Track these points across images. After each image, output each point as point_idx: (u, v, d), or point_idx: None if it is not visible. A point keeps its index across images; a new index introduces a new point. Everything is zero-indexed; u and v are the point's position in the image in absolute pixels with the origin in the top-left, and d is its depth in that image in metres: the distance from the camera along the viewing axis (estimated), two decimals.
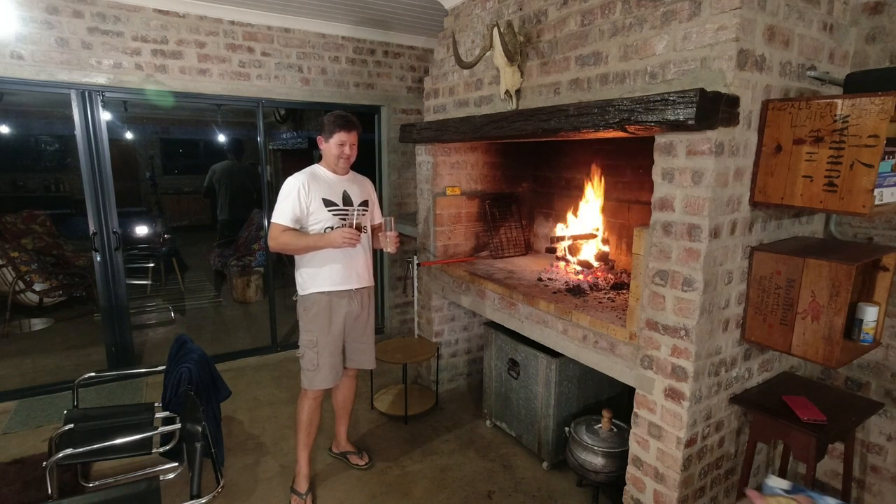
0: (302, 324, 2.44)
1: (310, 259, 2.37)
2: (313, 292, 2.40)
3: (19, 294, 4.72)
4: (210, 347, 3.48)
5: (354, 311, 2.49)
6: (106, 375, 3.47)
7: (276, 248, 2.35)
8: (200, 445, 1.75)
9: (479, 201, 3.45)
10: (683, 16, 1.76)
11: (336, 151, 2.34)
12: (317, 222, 2.35)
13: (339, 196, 2.39)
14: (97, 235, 3.39)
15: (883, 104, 1.52)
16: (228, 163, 5.85)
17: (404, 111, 4.29)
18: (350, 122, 2.34)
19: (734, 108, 1.69)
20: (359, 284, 2.48)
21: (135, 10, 3.21)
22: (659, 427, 1.99)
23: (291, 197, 2.30)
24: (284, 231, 2.30)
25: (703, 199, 1.73)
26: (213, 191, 5.84)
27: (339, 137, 2.32)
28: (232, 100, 3.69)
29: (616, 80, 2.04)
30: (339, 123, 2.32)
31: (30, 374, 3.71)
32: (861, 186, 1.59)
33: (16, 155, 8.24)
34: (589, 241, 3.05)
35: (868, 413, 1.96)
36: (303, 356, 2.45)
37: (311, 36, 3.79)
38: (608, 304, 2.40)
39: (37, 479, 2.52)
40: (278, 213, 2.32)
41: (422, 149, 3.36)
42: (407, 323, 4.61)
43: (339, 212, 2.38)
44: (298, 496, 2.46)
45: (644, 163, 1.97)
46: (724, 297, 1.89)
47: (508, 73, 2.47)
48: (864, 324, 1.90)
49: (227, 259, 5.71)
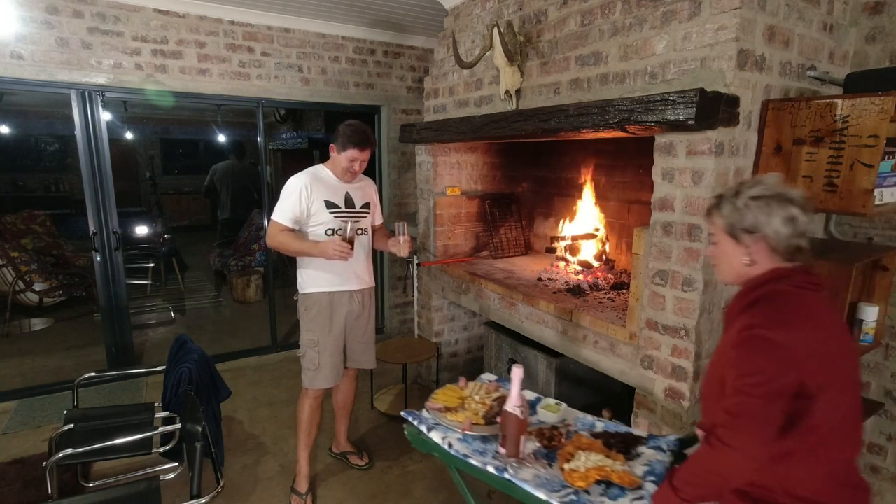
0: (303, 323, 2.44)
1: (311, 259, 2.38)
2: (314, 292, 2.40)
3: (19, 294, 4.73)
4: (210, 347, 3.47)
5: (355, 310, 2.49)
6: (106, 375, 3.47)
7: (272, 246, 2.36)
8: (200, 445, 1.75)
9: (479, 201, 3.45)
10: (683, 16, 1.76)
11: (345, 165, 2.33)
12: (318, 224, 2.34)
13: (341, 198, 2.39)
14: (97, 235, 3.39)
15: (883, 104, 1.52)
16: (229, 162, 5.86)
17: (404, 111, 4.29)
18: (365, 141, 2.29)
19: (734, 108, 1.69)
20: (359, 286, 2.48)
21: (135, 10, 3.21)
22: (659, 427, 1.99)
23: (293, 197, 2.29)
24: (282, 230, 2.31)
25: (704, 199, 1.73)
26: (214, 190, 5.84)
27: (352, 154, 2.29)
28: (232, 100, 3.69)
29: (616, 80, 2.04)
30: (353, 140, 2.27)
31: (30, 374, 3.71)
32: (861, 186, 1.59)
33: (16, 155, 8.25)
34: (589, 241, 3.05)
35: (868, 413, 1.96)
36: (304, 356, 2.45)
37: (311, 36, 3.79)
38: (608, 304, 2.40)
39: (37, 479, 2.52)
40: (278, 211, 2.32)
41: (422, 149, 3.36)
42: (407, 323, 4.61)
43: (341, 214, 2.37)
44: (298, 496, 2.45)
45: (644, 163, 1.96)
46: (725, 297, 1.89)
47: (508, 73, 2.47)
48: (864, 324, 1.90)
49: (227, 259, 5.71)
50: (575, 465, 1.45)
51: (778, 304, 1.17)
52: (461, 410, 1.75)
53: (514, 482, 1.44)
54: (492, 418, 1.69)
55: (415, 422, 1.72)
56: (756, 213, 1.20)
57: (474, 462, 1.54)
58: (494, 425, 1.64)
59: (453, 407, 1.77)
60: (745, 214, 1.21)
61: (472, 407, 1.77)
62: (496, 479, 1.49)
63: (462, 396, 1.85)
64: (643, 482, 1.40)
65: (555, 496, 1.37)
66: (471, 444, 1.60)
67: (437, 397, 1.84)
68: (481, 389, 1.88)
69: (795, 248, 1.20)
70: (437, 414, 1.73)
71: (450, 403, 1.79)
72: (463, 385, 1.93)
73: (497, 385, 1.95)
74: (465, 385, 1.93)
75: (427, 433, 1.67)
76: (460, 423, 1.67)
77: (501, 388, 1.91)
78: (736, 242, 1.24)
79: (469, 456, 1.55)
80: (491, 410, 1.74)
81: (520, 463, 1.52)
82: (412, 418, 1.74)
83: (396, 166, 4.35)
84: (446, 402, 1.81)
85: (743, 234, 1.22)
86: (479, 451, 1.57)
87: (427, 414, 1.76)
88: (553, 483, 1.43)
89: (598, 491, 1.38)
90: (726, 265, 1.29)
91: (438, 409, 1.75)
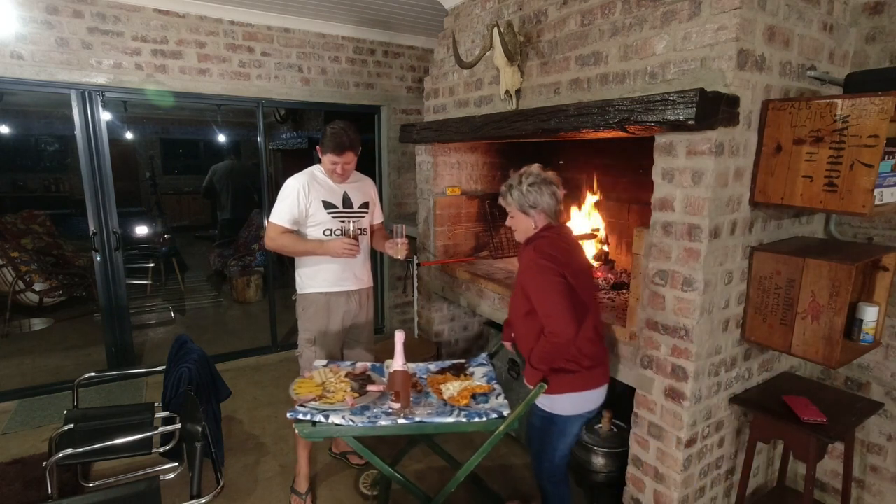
0: (301, 323, 2.45)
1: (308, 260, 2.38)
2: (311, 292, 2.40)
3: (19, 294, 4.73)
4: (210, 347, 3.47)
5: (353, 310, 2.49)
6: (106, 375, 3.47)
7: (273, 248, 2.36)
8: (200, 445, 1.75)
9: (479, 201, 3.45)
10: (683, 16, 1.76)
11: (329, 167, 2.32)
12: (316, 224, 2.34)
13: (339, 199, 2.39)
14: (97, 235, 3.39)
15: (883, 104, 1.52)
16: (229, 162, 5.86)
17: (404, 111, 4.29)
18: (341, 146, 2.23)
19: (734, 108, 1.69)
20: (357, 286, 2.47)
21: (135, 10, 3.21)
22: (659, 427, 1.99)
23: (290, 198, 2.29)
24: (283, 233, 2.30)
25: (703, 199, 1.73)
26: (214, 191, 5.84)
27: (331, 158, 2.27)
28: (232, 100, 3.69)
29: (616, 80, 2.04)
30: (330, 146, 2.24)
31: (30, 374, 3.71)
32: (861, 186, 1.59)
33: (16, 155, 8.24)
34: (589, 241, 3.05)
35: (868, 413, 1.96)
36: (301, 355, 2.45)
37: (311, 36, 3.79)
38: (608, 304, 2.40)
39: (37, 479, 2.52)
40: (276, 213, 2.31)
41: (422, 149, 3.36)
42: (407, 323, 4.61)
43: (339, 214, 2.37)
44: (298, 496, 2.45)
45: (644, 163, 1.96)
46: (724, 297, 1.89)
47: (508, 73, 2.47)
48: (864, 324, 1.90)
49: (227, 259, 5.71)
50: (449, 393, 1.97)
51: (550, 240, 1.86)
52: (330, 394, 1.92)
53: (425, 422, 1.80)
54: (362, 390, 1.94)
55: (307, 416, 1.79)
56: (535, 195, 1.85)
57: (384, 422, 1.78)
58: (369, 394, 1.92)
59: (320, 395, 1.91)
60: (528, 196, 1.85)
61: (338, 388, 1.95)
62: (409, 427, 1.81)
63: (318, 384, 1.99)
64: (492, 385, 2.05)
65: (458, 415, 1.83)
66: (363, 415, 1.82)
67: (299, 391, 1.92)
68: (329, 374, 2.05)
69: (557, 211, 1.91)
70: (316, 404, 1.85)
71: (316, 392, 1.92)
72: (309, 375, 2.07)
73: (336, 367, 2.15)
74: (311, 375, 2.07)
75: (326, 420, 1.77)
76: (344, 403, 1.86)
77: (339, 367, 2.15)
78: (525, 215, 1.89)
79: (374, 420, 1.79)
80: (358, 384, 1.97)
81: (413, 408, 1.88)
82: (302, 415, 1.80)
83: (396, 166, 4.35)
84: (311, 391, 1.93)
85: (529, 209, 1.87)
86: (375, 416, 1.82)
87: (307, 407, 1.83)
88: (446, 410, 1.88)
89: (475, 402, 1.94)
90: (521, 230, 1.94)
91: (313, 400, 1.87)
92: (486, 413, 1.84)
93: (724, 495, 2.18)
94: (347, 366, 2.19)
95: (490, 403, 1.92)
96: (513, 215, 1.93)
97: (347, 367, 2.17)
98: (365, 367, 2.17)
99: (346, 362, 2.27)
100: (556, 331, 1.74)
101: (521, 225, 1.92)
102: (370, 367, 2.19)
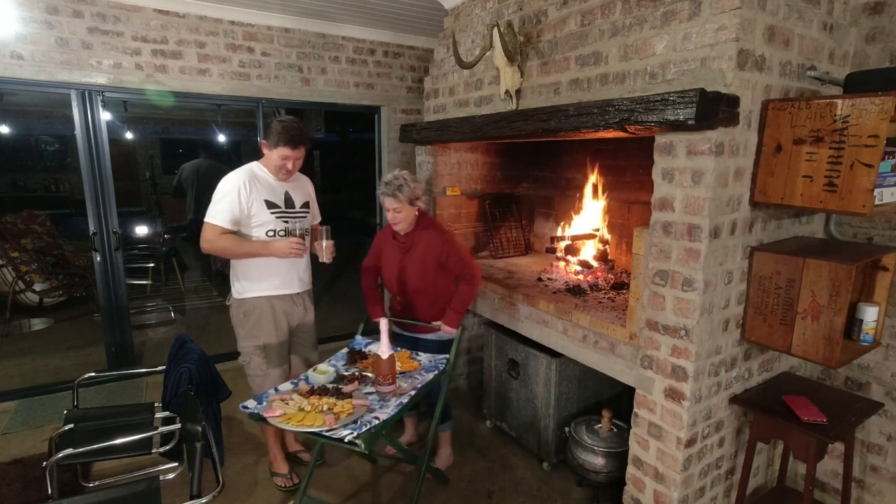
0: (242, 330, 2.36)
1: (252, 262, 2.29)
2: (255, 296, 2.32)
3: (19, 294, 4.73)
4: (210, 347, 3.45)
5: (298, 313, 2.46)
6: (106, 375, 3.47)
7: (210, 251, 2.21)
8: (200, 445, 1.75)
9: (479, 201, 3.45)
10: (683, 16, 1.76)
11: (278, 163, 2.23)
12: (258, 225, 2.25)
13: (280, 198, 2.31)
14: (97, 235, 3.39)
15: (883, 104, 1.52)
16: (197, 161, 5.62)
17: (404, 111, 4.29)
18: (297, 139, 2.19)
19: (734, 108, 1.69)
20: (301, 288, 2.44)
21: (135, 10, 3.21)
22: (659, 427, 1.99)
23: (230, 197, 2.17)
24: (223, 234, 2.18)
25: (703, 199, 1.73)
26: (182, 190, 5.67)
27: (283, 152, 2.19)
28: (232, 100, 3.69)
29: (616, 80, 2.04)
30: (284, 138, 2.17)
31: (30, 374, 3.71)
32: (861, 186, 1.59)
33: (16, 155, 8.24)
34: (589, 241, 3.05)
35: (868, 413, 1.96)
36: (248, 363, 2.39)
37: (311, 36, 3.79)
38: (608, 304, 2.40)
39: (37, 479, 2.52)
40: (215, 213, 2.16)
41: (422, 149, 3.36)
42: None
43: (283, 214, 2.30)
44: (282, 476, 2.47)
45: (644, 163, 1.96)
46: (724, 297, 1.89)
47: (508, 73, 2.47)
48: (864, 324, 1.90)
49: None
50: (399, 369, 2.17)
51: (431, 220, 2.53)
52: (305, 414, 1.81)
53: (418, 386, 2.05)
54: (342, 397, 1.91)
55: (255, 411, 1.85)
56: (415, 190, 2.34)
57: (392, 405, 1.88)
58: (357, 410, 1.84)
59: (293, 413, 1.81)
60: (413, 192, 2.32)
61: (315, 406, 1.84)
62: (417, 395, 2.02)
63: (299, 410, 1.84)
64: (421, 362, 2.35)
65: (424, 374, 2.19)
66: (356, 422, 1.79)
67: (291, 422, 1.79)
68: (301, 399, 1.90)
69: (427, 200, 2.69)
70: (293, 426, 1.76)
71: (295, 420, 1.79)
72: (287, 399, 1.92)
73: (307, 384, 2.05)
74: (288, 402, 1.90)
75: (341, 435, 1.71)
76: (324, 425, 1.74)
77: (306, 384, 2.06)
78: (411, 206, 2.35)
79: (375, 417, 1.80)
80: (337, 397, 1.91)
81: (399, 384, 2.05)
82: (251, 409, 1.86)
83: (396, 166, 4.33)
84: (285, 410, 1.84)
85: (415, 201, 2.36)
86: (368, 412, 1.85)
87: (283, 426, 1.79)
88: (413, 376, 2.18)
89: (421, 367, 2.29)
90: (407, 220, 2.38)
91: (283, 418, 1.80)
92: (436, 363, 2.31)
93: (724, 495, 2.19)
94: (381, 338, 2.05)
95: (425, 361, 2.35)
96: (400, 210, 2.33)
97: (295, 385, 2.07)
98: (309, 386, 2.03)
99: (292, 381, 2.13)
100: (478, 274, 2.45)
101: (408, 215, 2.37)
102: (306, 379, 2.11)
